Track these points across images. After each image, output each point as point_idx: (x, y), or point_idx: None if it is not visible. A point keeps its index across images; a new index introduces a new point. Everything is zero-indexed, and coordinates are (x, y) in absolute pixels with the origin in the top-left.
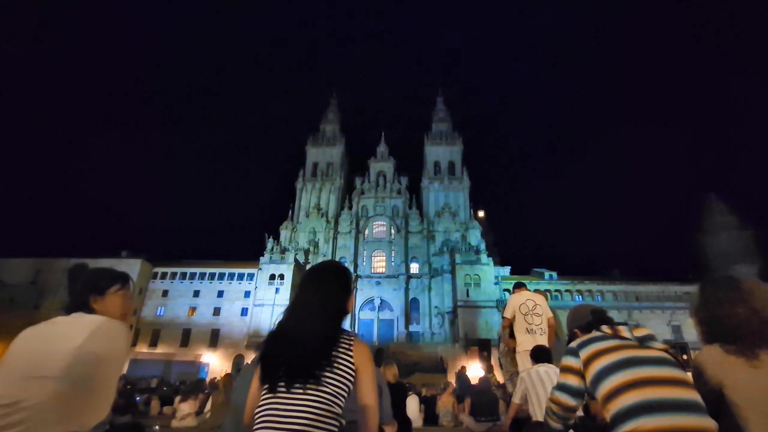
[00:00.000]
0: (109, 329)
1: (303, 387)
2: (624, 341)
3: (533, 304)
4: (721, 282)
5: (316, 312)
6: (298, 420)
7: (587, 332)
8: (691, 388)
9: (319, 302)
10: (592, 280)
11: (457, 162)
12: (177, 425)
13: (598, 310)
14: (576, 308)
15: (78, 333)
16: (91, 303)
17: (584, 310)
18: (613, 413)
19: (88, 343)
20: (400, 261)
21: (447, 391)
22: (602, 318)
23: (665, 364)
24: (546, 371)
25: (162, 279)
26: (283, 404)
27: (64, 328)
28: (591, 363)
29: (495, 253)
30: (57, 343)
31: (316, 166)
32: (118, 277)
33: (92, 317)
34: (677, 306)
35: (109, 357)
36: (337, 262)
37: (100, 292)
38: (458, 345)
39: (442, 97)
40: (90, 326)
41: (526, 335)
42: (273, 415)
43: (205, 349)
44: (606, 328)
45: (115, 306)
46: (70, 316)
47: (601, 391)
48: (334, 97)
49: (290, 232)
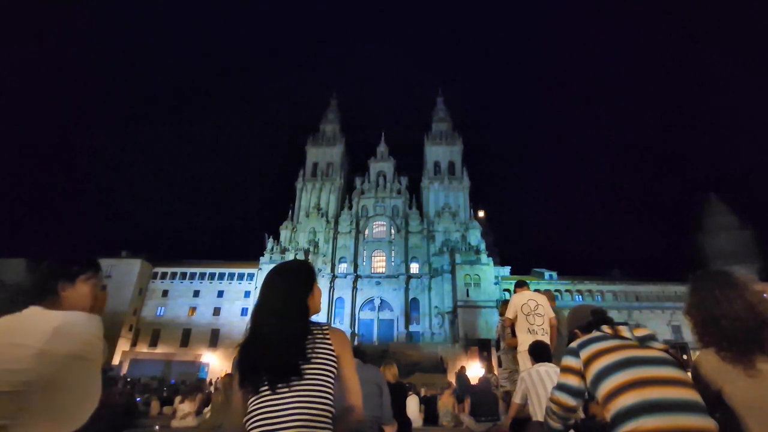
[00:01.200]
0: (75, 324)
1: (287, 385)
2: (624, 341)
3: (535, 304)
4: (718, 277)
5: (279, 312)
6: (292, 417)
7: (588, 332)
8: (691, 387)
9: (280, 302)
10: (592, 280)
11: (457, 162)
12: (177, 425)
13: (598, 311)
14: (576, 308)
15: (38, 334)
16: (60, 291)
17: (584, 311)
18: (613, 413)
19: (50, 344)
20: (400, 261)
21: (447, 391)
22: (603, 318)
23: (666, 364)
24: (546, 371)
25: (162, 279)
26: (274, 405)
27: (20, 327)
28: (591, 363)
29: (495, 253)
30: (15, 349)
31: (316, 166)
32: (89, 264)
33: (53, 313)
34: (677, 306)
35: (79, 357)
36: (299, 261)
37: (69, 278)
38: (458, 345)
39: (442, 97)
40: (52, 323)
41: (528, 335)
42: (266, 418)
43: (205, 349)
44: (606, 328)
45: (84, 295)
46: (26, 311)
47: (601, 391)
48: (334, 97)
49: (290, 232)
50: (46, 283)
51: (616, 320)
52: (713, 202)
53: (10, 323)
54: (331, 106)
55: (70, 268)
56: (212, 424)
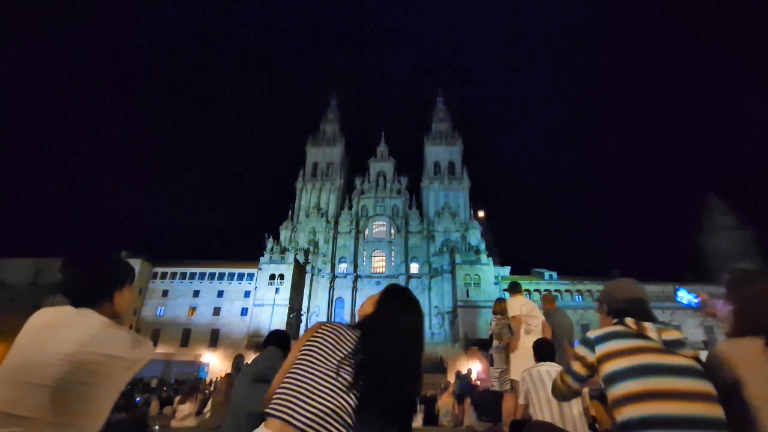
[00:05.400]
0: (112, 336)
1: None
2: (647, 342)
3: (531, 306)
4: (756, 277)
5: (417, 351)
6: (325, 406)
7: (614, 317)
8: (712, 402)
9: (416, 340)
10: (592, 280)
11: (457, 162)
12: (177, 425)
13: (635, 300)
14: (618, 285)
15: (78, 336)
16: (116, 297)
17: (622, 292)
18: (620, 420)
19: (85, 348)
20: (400, 261)
21: (447, 391)
22: (636, 310)
23: (689, 374)
24: (548, 371)
25: (162, 279)
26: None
27: (67, 325)
28: (605, 362)
29: (495, 253)
30: (55, 343)
31: (316, 166)
32: (131, 269)
33: (98, 318)
34: (677, 306)
35: (108, 366)
36: None
37: (122, 285)
38: (458, 345)
39: (442, 97)
40: (92, 329)
41: (525, 335)
42: (302, 393)
43: (205, 349)
44: (631, 322)
45: (128, 301)
46: (79, 311)
47: (611, 393)
48: (334, 97)
49: (290, 232)
50: (105, 289)
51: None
52: (713, 202)
53: (61, 318)
54: (331, 106)
55: (127, 275)
56: (212, 424)
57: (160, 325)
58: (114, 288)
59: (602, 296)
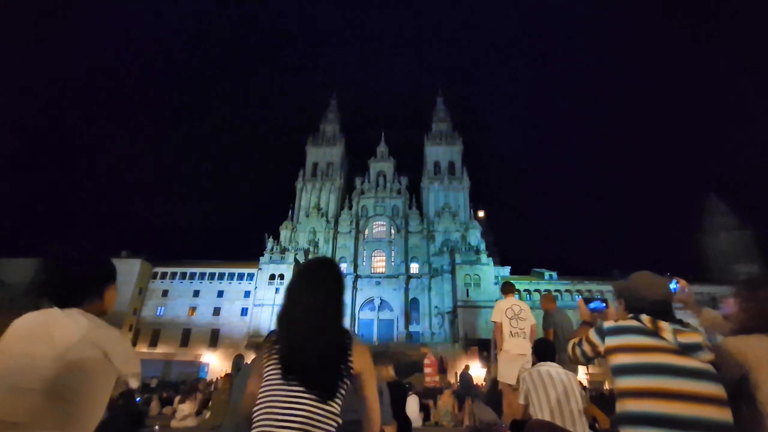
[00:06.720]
0: (103, 335)
1: (308, 388)
2: (660, 342)
3: (519, 309)
4: None
5: (322, 314)
6: (299, 415)
7: (631, 312)
8: (721, 406)
9: (322, 303)
10: (592, 280)
11: (457, 162)
12: (177, 425)
13: (660, 302)
14: (643, 283)
15: (68, 337)
16: (105, 294)
17: (648, 294)
18: (621, 411)
19: (77, 349)
20: (400, 261)
21: (447, 391)
22: (655, 310)
23: (701, 377)
24: (548, 371)
25: (162, 279)
26: (286, 399)
27: (56, 327)
28: (614, 354)
29: (495, 253)
30: (45, 346)
31: (316, 166)
32: (114, 264)
33: (87, 318)
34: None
35: (100, 366)
36: (329, 258)
37: (113, 280)
38: (458, 345)
39: (442, 97)
40: (82, 330)
41: (510, 338)
42: (275, 409)
43: (205, 349)
44: (647, 320)
45: (113, 299)
46: (66, 311)
47: (616, 384)
48: (334, 97)
49: (290, 232)
50: (92, 287)
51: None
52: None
53: (48, 320)
54: (331, 106)
55: (114, 270)
56: (212, 424)
57: (160, 325)
58: (105, 284)
59: (623, 291)
